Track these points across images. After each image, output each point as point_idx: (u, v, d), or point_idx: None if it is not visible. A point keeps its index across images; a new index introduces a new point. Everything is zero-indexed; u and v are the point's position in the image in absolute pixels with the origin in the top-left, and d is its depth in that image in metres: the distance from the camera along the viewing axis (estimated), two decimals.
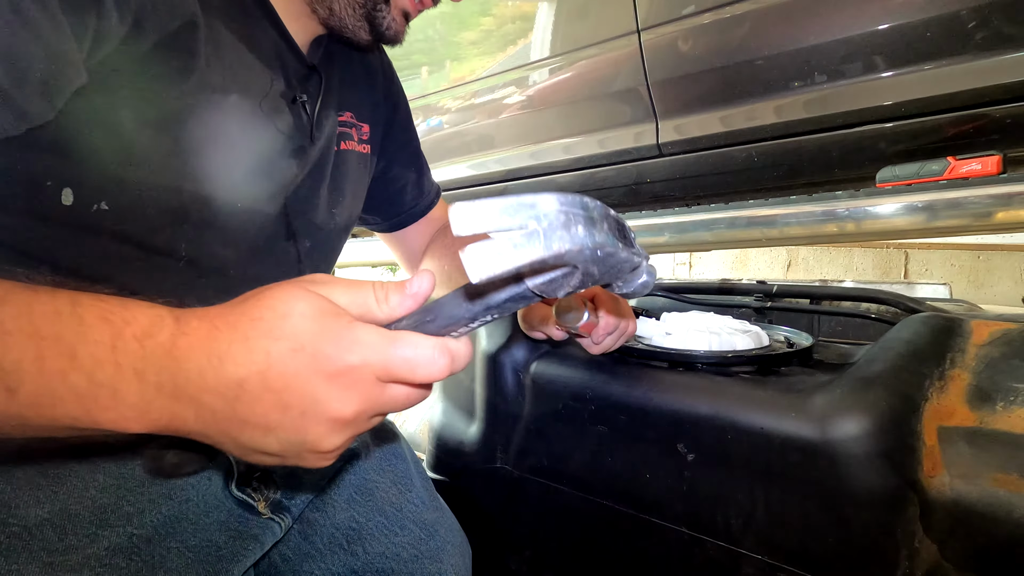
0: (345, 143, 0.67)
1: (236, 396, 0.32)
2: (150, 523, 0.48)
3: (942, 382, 0.58)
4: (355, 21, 0.58)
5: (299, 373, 0.32)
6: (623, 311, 0.64)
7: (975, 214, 1.05)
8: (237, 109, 0.51)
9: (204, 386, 0.32)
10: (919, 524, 0.51)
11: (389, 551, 0.61)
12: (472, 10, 1.74)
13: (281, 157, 0.57)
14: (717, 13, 1.23)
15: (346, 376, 0.32)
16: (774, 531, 0.55)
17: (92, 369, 0.32)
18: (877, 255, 3.55)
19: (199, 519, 0.52)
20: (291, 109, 0.57)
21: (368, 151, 0.73)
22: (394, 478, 0.66)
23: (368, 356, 0.32)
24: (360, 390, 0.33)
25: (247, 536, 0.54)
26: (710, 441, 0.59)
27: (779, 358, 0.67)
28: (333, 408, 0.33)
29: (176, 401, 0.33)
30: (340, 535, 0.61)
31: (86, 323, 0.32)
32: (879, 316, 0.85)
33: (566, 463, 0.70)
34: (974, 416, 0.54)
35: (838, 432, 0.52)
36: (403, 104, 0.82)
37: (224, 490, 0.55)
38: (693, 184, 1.46)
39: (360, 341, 0.32)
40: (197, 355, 0.32)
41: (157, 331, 0.33)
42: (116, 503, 0.47)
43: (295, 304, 0.33)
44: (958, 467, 0.51)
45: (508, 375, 0.77)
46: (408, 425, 1.04)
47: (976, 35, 0.98)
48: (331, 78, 0.64)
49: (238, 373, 0.32)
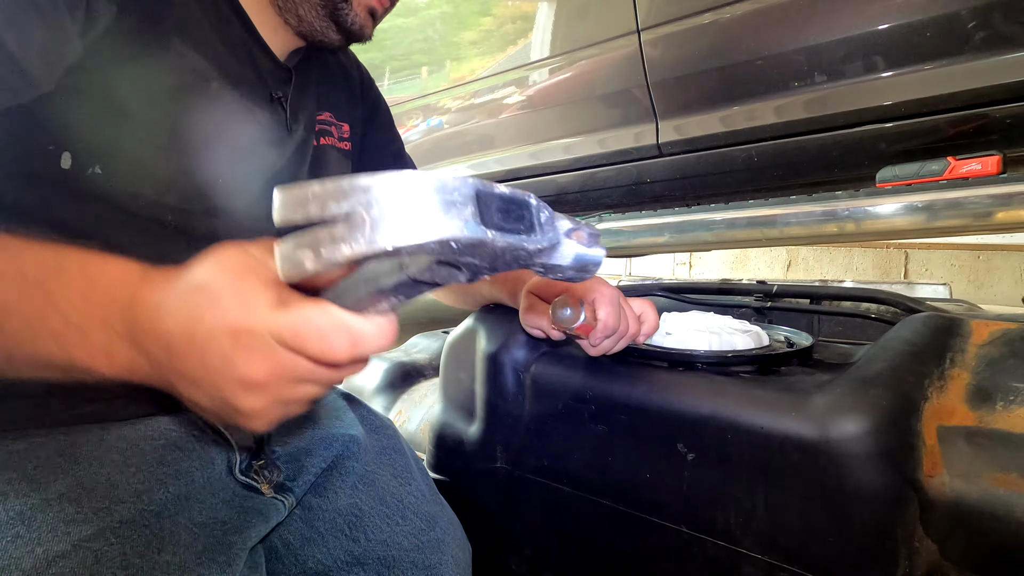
0: (325, 139, 0.71)
1: (169, 346, 0.34)
2: (159, 500, 0.50)
3: (942, 382, 0.58)
4: (321, 22, 0.62)
5: (211, 329, 0.32)
6: (626, 313, 0.64)
7: (975, 214, 1.05)
8: (218, 93, 0.56)
9: (150, 335, 0.34)
10: (919, 523, 0.51)
11: (390, 539, 0.62)
12: (472, 10, 1.74)
13: (260, 143, 0.61)
14: (717, 13, 1.23)
15: (245, 335, 0.32)
16: (773, 530, 0.55)
17: (67, 311, 0.35)
18: (877, 255, 3.56)
19: (205, 498, 0.54)
20: (268, 106, 0.62)
21: (349, 147, 0.76)
22: (394, 471, 0.67)
23: (259, 317, 0.32)
24: (263, 353, 0.32)
25: (252, 511, 0.56)
26: (710, 441, 0.59)
27: (779, 358, 0.67)
28: (240, 368, 0.32)
29: (133, 348, 0.35)
30: (342, 520, 0.62)
31: (66, 271, 0.36)
32: (879, 316, 0.85)
33: (566, 463, 0.70)
34: (974, 416, 0.54)
35: (838, 431, 0.52)
36: (383, 108, 0.86)
37: (228, 475, 0.57)
38: (693, 184, 1.46)
39: (256, 301, 0.32)
40: (147, 306, 0.34)
41: (124, 283, 0.36)
42: (127, 480, 0.50)
43: (224, 260, 0.34)
44: (958, 466, 0.51)
45: (508, 375, 0.77)
46: (408, 425, 1.05)
47: (976, 35, 0.98)
48: (307, 80, 0.69)
49: (169, 325, 0.34)
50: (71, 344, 0.35)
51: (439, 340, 1.26)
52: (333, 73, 0.76)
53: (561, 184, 1.66)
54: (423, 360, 1.20)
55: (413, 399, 1.09)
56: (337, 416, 0.68)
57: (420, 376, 1.16)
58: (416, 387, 1.12)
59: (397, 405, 1.09)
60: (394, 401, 1.10)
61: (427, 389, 1.10)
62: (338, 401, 0.71)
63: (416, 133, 1.96)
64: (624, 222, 1.54)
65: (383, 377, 1.14)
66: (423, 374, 1.17)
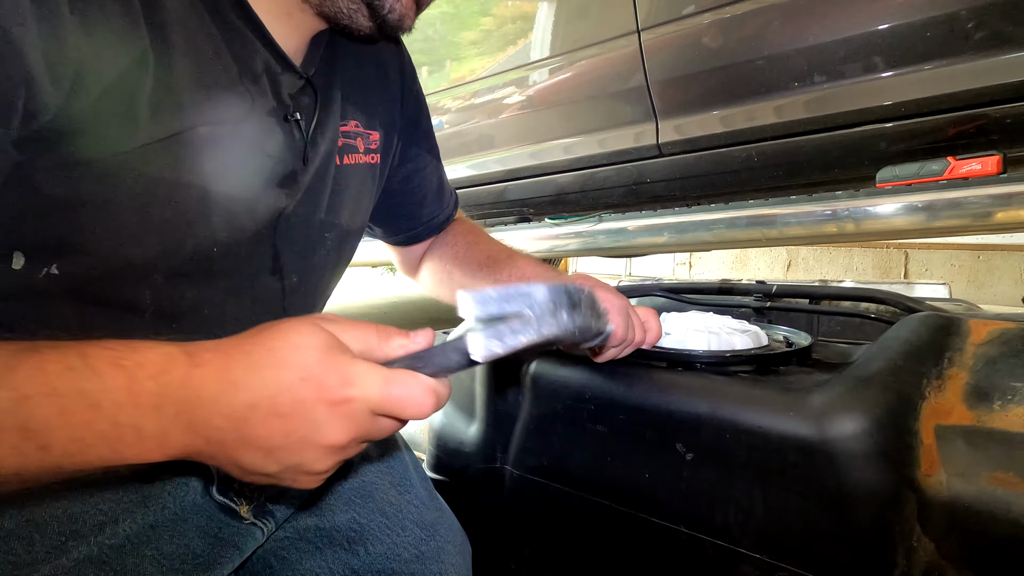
0: (348, 156, 0.61)
1: (245, 418, 0.35)
2: (123, 532, 0.47)
3: (940, 381, 0.58)
4: (351, 4, 0.51)
5: (305, 400, 0.35)
6: (634, 323, 0.62)
7: (975, 214, 1.05)
8: (207, 142, 0.47)
9: (216, 411, 0.35)
10: (917, 522, 0.51)
11: (390, 551, 0.60)
12: (472, 10, 1.74)
13: (268, 187, 0.52)
14: (717, 13, 1.23)
15: (345, 406, 0.35)
16: (772, 530, 0.55)
17: (114, 414, 0.34)
18: (877, 255, 3.56)
19: (176, 525, 0.51)
20: (282, 128, 0.52)
21: (377, 160, 0.66)
22: (393, 480, 0.65)
23: (367, 391, 0.36)
24: (355, 420, 0.36)
25: (227, 543, 0.53)
26: (708, 440, 0.59)
27: (778, 357, 0.68)
28: (330, 435, 0.36)
29: (190, 428, 0.35)
30: (341, 536, 0.60)
31: (100, 373, 0.34)
32: (878, 316, 0.85)
33: (566, 463, 0.71)
34: (972, 415, 0.54)
35: (836, 431, 0.52)
36: (425, 113, 0.75)
37: (204, 495, 0.53)
38: (693, 184, 1.46)
39: (361, 376, 0.36)
40: (211, 383, 0.35)
41: (171, 368, 0.35)
42: (87, 511, 0.46)
43: (306, 338, 0.36)
44: (955, 465, 0.51)
45: (508, 375, 0.77)
46: (408, 426, 1.04)
47: (976, 35, 0.98)
48: (332, 84, 0.58)
49: (250, 398, 0.35)
50: (124, 444, 0.35)
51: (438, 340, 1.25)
52: (366, 68, 0.64)
53: (561, 184, 1.66)
54: None
55: None
56: None
57: None
58: None
59: None
60: None
61: None
62: None
63: None
64: (624, 222, 1.54)
65: None
66: None
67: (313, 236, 0.59)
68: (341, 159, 0.61)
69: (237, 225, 0.51)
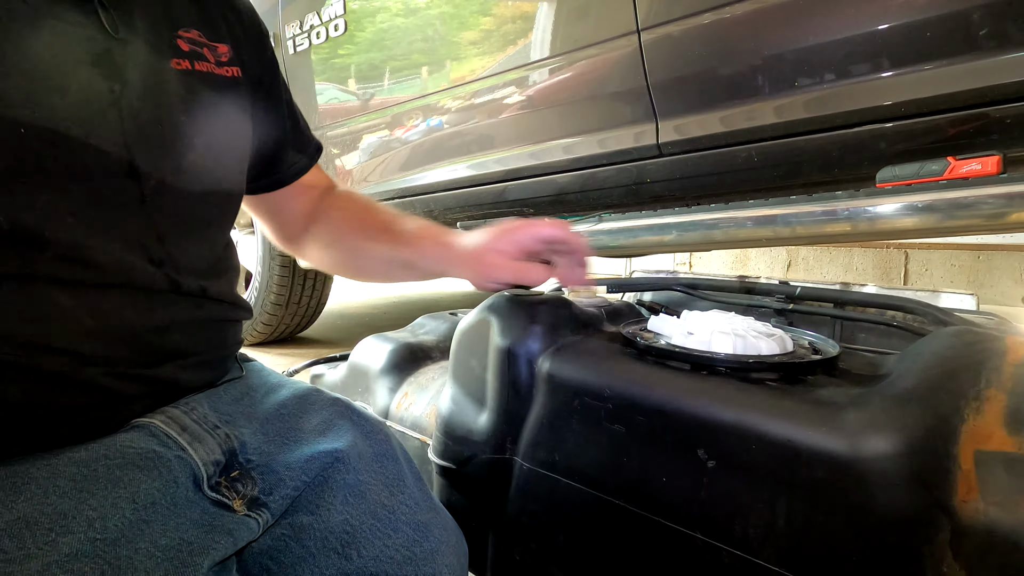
0: (198, 63, 0.59)
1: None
2: (114, 526, 0.47)
3: (978, 403, 0.55)
4: None
5: None
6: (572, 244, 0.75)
7: (975, 214, 1.05)
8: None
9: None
10: (948, 549, 0.49)
11: (383, 554, 0.59)
12: (472, 10, 1.74)
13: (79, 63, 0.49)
14: (717, 13, 1.23)
15: None
16: (794, 544, 0.53)
17: None
18: (877, 255, 3.55)
19: (168, 520, 0.50)
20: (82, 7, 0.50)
21: (238, 74, 0.64)
22: (386, 480, 0.64)
23: None
24: None
25: (220, 530, 0.53)
26: (733, 448, 0.57)
27: (805, 366, 0.65)
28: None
29: None
30: (334, 539, 0.59)
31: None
32: (906, 326, 0.82)
33: (579, 460, 0.69)
34: (1012, 441, 0.51)
35: (870, 450, 0.50)
36: (270, 44, 0.73)
37: (196, 491, 0.53)
38: (693, 184, 1.46)
39: None
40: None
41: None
42: (77, 507, 0.46)
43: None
44: (994, 494, 0.49)
45: (522, 367, 0.76)
46: (414, 408, 1.02)
47: (977, 35, 0.98)
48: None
49: None
50: None
51: (446, 322, 1.23)
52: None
53: (561, 184, 1.66)
54: (430, 342, 1.16)
55: (420, 382, 1.06)
56: (325, 424, 0.65)
57: (427, 358, 1.13)
58: (423, 370, 1.10)
59: (403, 387, 1.07)
60: (400, 383, 1.08)
61: (434, 372, 1.07)
62: (327, 408, 0.68)
63: (416, 133, 1.96)
64: (624, 222, 1.54)
65: (389, 358, 1.11)
66: (430, 356, 1.14)
67: (167, 137, 0.57)
68: (185, 63, 0.59)
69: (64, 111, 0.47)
